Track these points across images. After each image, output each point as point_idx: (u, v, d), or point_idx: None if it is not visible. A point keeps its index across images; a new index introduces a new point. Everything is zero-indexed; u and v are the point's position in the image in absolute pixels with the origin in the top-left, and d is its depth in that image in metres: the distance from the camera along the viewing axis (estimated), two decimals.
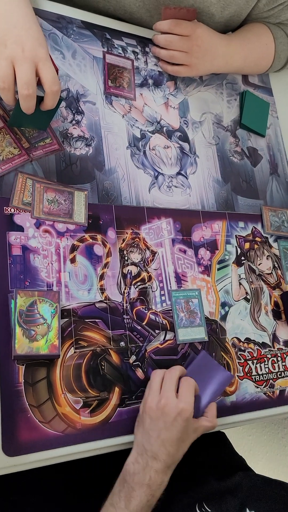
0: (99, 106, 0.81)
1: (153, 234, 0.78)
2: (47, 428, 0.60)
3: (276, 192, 0.96)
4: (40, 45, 0.62)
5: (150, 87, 0.88)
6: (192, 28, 0.84)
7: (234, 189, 0.91)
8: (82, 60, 0.82)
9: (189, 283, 0.78)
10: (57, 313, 0.64)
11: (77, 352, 0.65)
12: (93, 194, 0.75)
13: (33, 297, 0.63)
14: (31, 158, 0.70)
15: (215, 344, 0.77)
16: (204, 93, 0.95)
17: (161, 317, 0.74)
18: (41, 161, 0.72)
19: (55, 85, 0.62)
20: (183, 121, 0.89)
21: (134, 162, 0.81)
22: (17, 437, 0.58)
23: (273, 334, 0.84)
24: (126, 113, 0.83)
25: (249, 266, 0.87)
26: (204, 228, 0.84)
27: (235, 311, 0.81)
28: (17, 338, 0.61)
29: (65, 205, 0.71)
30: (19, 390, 0.60)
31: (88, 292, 0.69)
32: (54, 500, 0.71)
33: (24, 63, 0.60)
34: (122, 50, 0.87)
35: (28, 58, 0.60)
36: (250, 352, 0.80)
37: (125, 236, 0.75)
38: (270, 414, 0.78)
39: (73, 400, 0.63)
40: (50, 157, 0.73)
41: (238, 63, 0.93)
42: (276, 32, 0.96)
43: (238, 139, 0.96)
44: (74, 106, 0.78)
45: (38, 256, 0.67)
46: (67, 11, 0.82)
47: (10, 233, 0.66)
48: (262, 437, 1.31)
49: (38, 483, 0.72)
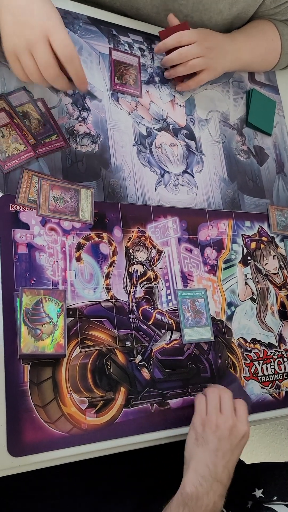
0: (105, 103, 0.80)
1: (159, 233, 0.78)
2: (52, 429, 0.59)
3: (282, 191, 0.96)
4: (47, 18, 0.60)
5: (157, 85, 0.87)
6: (196, 33, 0.84)
7: (241, 188, 0.90)
8: (89, 57, 0.81)
9: (195, 282, 0.78)
10: (63, 312, 0.63)
11: (82, 352, 0.65)
12: (99, 192, 0.74)
13: (38, 296, 0.63)
14: (37, 154, 0.70)
15: (221, 345, 0.76)
16: (211, 91, 0.94)
17: (167, 316, 0.73)
18: (47, 158, 0.71)
19: (66, 49, 0.60)
20: (189, 119, 0.89)
21: (140, 160, 0.80)
22: (22, 438, 0.58)
23: (279, 334, 0.83)
24: (132, 110, 0.83)
25: (255, 266, 0.86)
26: (210, 227, 0.83)
27: (241, 311, 0.81)
28: (23, 337, 0.60)
29: (71, 203, 0.70)
30: (24, 390, 0.59)
31: (94, 291, 0.68)
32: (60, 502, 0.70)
33: (37, 46, 0.59)
34: (129, 47, 0.86)
35: (38, 40, 0.59)
36: (256, 352, 0.79)
37: (131, 235, 0.75)
38: (276, 416, 0.78)
39: (78, 400, 0.62)
40: (56, 154, 0.72)
41: (247, 57, 0.92)
42: (282, 28, 0.95)
43: (245, 137, 0.95)
44: (80, 103, 0.77)
45: (44, 254, 0.66)
46: (73, 7, 0.82)
47: (16, 231, 0.65)
48: (265, 438, 1.31)
49: (43, 486, 0.71)
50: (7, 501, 0.68)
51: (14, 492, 0.69)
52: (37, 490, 0.70)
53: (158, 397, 0.68)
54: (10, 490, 0.69)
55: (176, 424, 0.68)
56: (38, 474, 0.59)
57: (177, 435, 0.67)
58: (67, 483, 0.71)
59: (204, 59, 0.84)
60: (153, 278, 0.74)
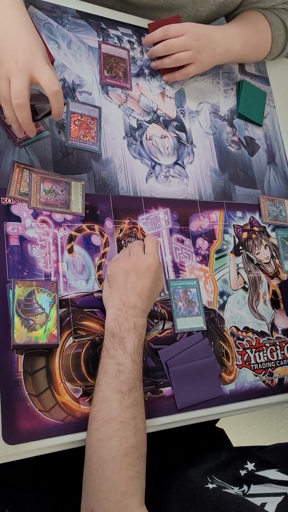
0: (95, 96, 0.81)
1: (151, 224, 0.78)
2: (46, 417, 0.60)
3: (273, 181, 0.96)
4: (32, 53, 0.62)
5: (146, 77, 0.88)
6: (184, 27, 0.84)
7: (232, 178, 0.91)
8: (78, 50, 0.81)
9: (187, 272, 0.79)
10: (55, 303, 0.64)
11: (76, 342, 0.65)
12: (90, 184, 0.75)
13: (31, 287, 0.63)
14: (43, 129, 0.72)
15: (214, 333, 0.77)
16: (201, 83, 0.94)
17: (160, 306, 0.74)
18: (38, 151, 0.72)
19: (54, 86, 0.62)
20: (179, 111, 0.89)
21: (131, 152, 0.81)
22: (17, 426, 0.59)
23: (272, 323, 0.84)
24: (123, 103, 0.83)
25: (247, 255, 0.87)
26: (201, 218, 0.84)
27: (234, 300, 0.82)
28: (16, 327, 0.61)
29: (62, 196, 0.71)
30: (19, 380, 0.60)
31: (86, 282, 0.69)
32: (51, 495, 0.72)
33: (16, 76, 0.61)
34: (118, 40, 0.86)
35: (20, 70, 0.61)
36: (249, 341, 0.80)
37: (123, 226, 0.75)
38: (269, 402, 0.79)
39: (72, 389, 0.63)
40: (47, 147, 0.73)
41: (238, 49, 0.93)
42: (271, 18, 0.95)
43: (235, 128, 0.95)
44: (70, 96, 0.78)
45: (36, 246, 0.67)
46: (61, 1, 0.82)
47: (8, 224, 0.66)
48: (262, 427, 1.32)
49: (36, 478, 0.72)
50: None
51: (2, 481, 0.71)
52: (26, 479, 0.71)
53: (151, 385, 0.69)
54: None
55: (169, 412, 0.68)
56: (26, 464, 0.60)
57: (171, 422, 0.68)
58: (52, 472, 0.73)
59: (191, 52, 0.84)
60: None
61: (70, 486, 0.72)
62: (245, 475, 0.58)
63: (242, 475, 0.58)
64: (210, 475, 0.60)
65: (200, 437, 0.81)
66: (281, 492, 0.51)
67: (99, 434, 0.56)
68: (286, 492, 0.51)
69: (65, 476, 0.73)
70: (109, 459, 0.54)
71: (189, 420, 0.70)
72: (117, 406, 0.57)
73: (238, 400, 0.75)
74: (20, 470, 0.71)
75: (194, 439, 0.80)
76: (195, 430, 0.76)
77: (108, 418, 0.56)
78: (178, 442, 0.79)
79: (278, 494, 0.51)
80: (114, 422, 0.56)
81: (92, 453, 0.55)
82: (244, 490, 0.55)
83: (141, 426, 0.58)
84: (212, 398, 0.72)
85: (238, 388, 0.76)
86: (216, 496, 0.53)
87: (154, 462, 0.63)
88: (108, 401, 0.57)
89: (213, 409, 0.72)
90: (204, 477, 0.59)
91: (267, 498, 0.51)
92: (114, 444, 0.54)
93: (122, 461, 0.53)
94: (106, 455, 0.54)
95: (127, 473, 0.53)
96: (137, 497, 0.52)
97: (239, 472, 0.59)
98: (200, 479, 0.58)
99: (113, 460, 0.53)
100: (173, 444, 0.78)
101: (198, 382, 0.71)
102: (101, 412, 0.57)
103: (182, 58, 0.84)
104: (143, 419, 0.59)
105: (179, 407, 0.69)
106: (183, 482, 0.59)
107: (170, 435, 0.73)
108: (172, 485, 0.60)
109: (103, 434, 0.56)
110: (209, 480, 0.58)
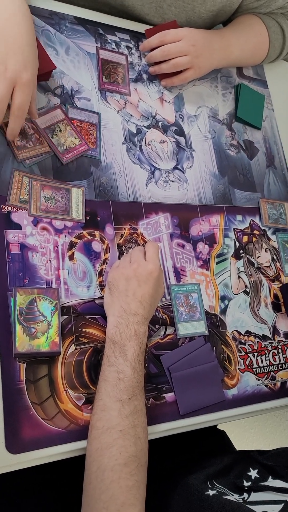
0: (94, 102, 0.81)
1: (151, 229, 0.78)
2: (49, 425, 0.60)
3: (273, 184, 0.96)
4: (24, 69, 0.63)
5: (145, 82, 0.88)
6: (181, 32, 0.84)
7: (231, 182, 0.91)
8: (76, 56, 0.81)
9: (188, 277, 0.78)
10: (57, 310, 0.64)
11: (78, 349, 0.65)
12: (90, 190, 0.75)
13: (32, 295, 0.63)
14: (89, 148, 0.76)
15: (216, 338, 0.77)
16: (199, 87, 0.94)
17: (161, 312, 0.74)
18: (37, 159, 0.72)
19: (19, 111, 0.63)
20: (178, 115, 0.89)
21: (131, 157, 0.81)
22: (20, 435, 0.58)
23: (273, 326, 0.84)
24: (121, 108, 0.83)
25: (248, 259, 0.87)
26: (202, 222, 0.83)
27: (235, 305, 0.81)
28: (18, 336, 0.61)
29: (62, 202, 0.71)
30: (21, 388, 0.60)
31: (88, 288, 0.69)
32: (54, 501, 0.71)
33: (2, 82, 0.61)
34: (116, 45, 0.86)
35: (8, 78, 0.62)
36: (251, 344, 0.80)
37: (123, 232, 0.75)
38: (271, 407, 0.78)
39: (75, 397, 0.63)
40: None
41: (236, 54, 0.93)
42: (268, 21, 0.95)
43: (234, 132, 0.95)
44: (69, 102, 0.78)
45: (37, 253, 0.67)
46: (59, 7, 0.82)
47: (8, 231, 0.66)
48: (265, 430, 1.32)
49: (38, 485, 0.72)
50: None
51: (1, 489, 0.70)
52: (26, 486, 0.71)
53: (153, 391, 0.69)
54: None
55: (172, 418, 0.68)
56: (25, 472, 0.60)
57: (174, 428, 0.68)
58: (55, 480, 0.72)
59: (188, 57, 0.84)
60: None
61: (70, 494, 0.72)
62: (249, 486, 0.58)
63: (245, 486, 0.58)
64: (211, 481, 0.59)
65: (201, 441, 0.81)
66: (281, 500, 0.51)
67: (98, 443, 0.56)
68: (286, 500, 0.51)
69: (66, 483, 0.73)
70: (109, 468, 0.53)
71: (192, 425, 0.70)
72: (116, 415, 0.57)
73: (241, 405, 0.75)
74: (21, 476, 0.71)
75: (195, 444, 0.80)
76: (196, 434, 0.76)
77: (107, 427, 0.56)
78: (179, 448, 0.78)
79: (279, 501, 0.51)
80: (114, 431, 0.56)
81: (92, 462, 0.55)
82: (244, 497, 0.55)
83: (141, 435, 0.57)
84: (215, 403, 0.72)
85: (241, 393, 0.76)
86: (217, 504, 0.53)
87: (155, 470, 0.63)
88: (108, 410, 0.57)
89: (216, 414, 0.72)
90: (204, 483, 0.59)
91: (268, 506, 0.51)
92: (114, 453, 0.54)
93: (121, 471, 0.53)
94: (105, 464, 0.54)
95: (126, 482, 0.53)
96: (136, 507, 0.52)
97: (242, 481, 0.58)
98: (201, 485, 0.58)
99: (112, 469, 0.53)
100: (174, 451, 0.78)
101: (201, 387, 0.71)
102: (101, 421, 0.57)
103: (179, 63, 0.84)
104: (143, 427, 0.59)
105: (182, 412, 0.68)
106: (183, 490, 0.59)
107: (170, 441, 0.72)
108: (172, 493, 0.60)
109: (103, 443, 0.55)
110: (210, 486, 0.58)
